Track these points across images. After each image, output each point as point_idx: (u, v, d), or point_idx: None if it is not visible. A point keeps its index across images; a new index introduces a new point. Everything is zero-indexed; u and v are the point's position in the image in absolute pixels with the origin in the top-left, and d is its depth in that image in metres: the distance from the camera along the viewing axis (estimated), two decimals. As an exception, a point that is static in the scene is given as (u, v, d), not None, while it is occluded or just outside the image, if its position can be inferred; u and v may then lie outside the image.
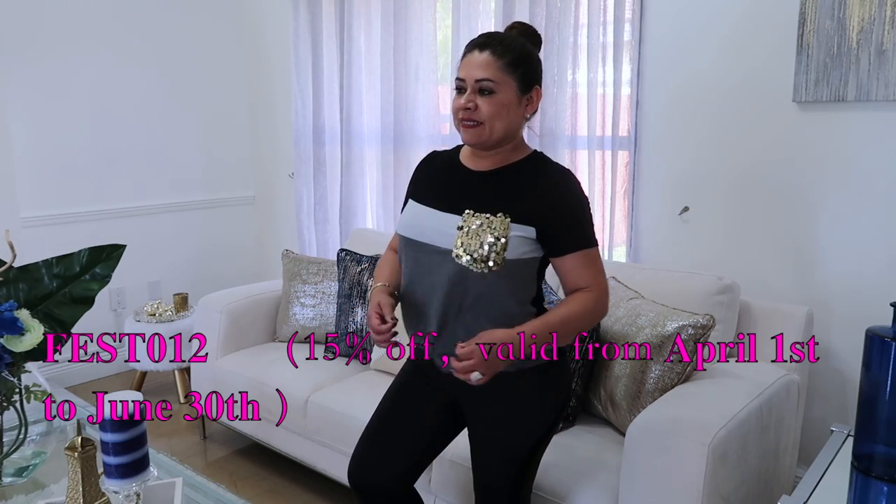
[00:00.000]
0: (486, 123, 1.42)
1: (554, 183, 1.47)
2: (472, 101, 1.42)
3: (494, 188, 1.48)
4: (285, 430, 2.51)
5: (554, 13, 2.67)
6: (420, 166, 1.66)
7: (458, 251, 1.40)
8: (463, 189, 1.51)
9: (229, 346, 2.79)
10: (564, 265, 1.47)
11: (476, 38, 1.47)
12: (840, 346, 2.28)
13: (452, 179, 1.54)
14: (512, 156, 1.51)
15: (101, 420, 1.38)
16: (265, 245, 4.21)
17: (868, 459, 1.42)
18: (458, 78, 1.45)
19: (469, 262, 1.39)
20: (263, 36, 4.00)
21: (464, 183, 1.52)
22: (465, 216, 1.43)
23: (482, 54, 1.42)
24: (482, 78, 1.41)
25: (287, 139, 3.94)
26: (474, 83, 1.42)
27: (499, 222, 1.40)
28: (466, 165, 1.54)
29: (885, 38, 2.05)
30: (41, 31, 3.27)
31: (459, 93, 1.46)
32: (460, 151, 1.60)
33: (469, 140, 1.47)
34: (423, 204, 1.55)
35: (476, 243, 1.39)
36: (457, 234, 1.41)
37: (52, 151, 3.37)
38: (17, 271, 1.76)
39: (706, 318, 1.87)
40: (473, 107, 1.42)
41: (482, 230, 1.40)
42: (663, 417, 1.73)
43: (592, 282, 1.47)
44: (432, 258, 1.47)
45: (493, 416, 1.56)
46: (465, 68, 1.44)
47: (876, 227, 2.17)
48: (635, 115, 2.60)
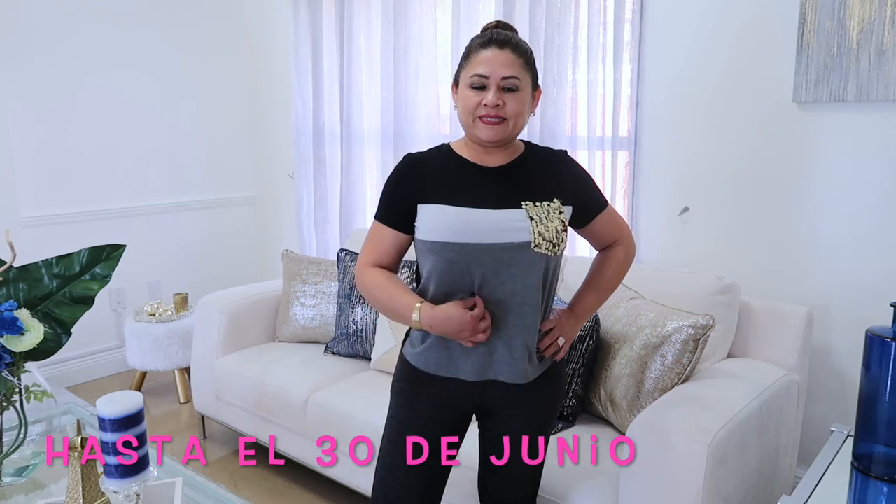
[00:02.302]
0: (510, 120, 1.44)
1: (563, 161, 1.56)
2: (500, 97, 1.42)
3: (527, 179, 1.50)
4: (285, 430, 2.51)
5: (554, 13, 2.67)
6: (409, 171, 1.51)
7: (539, 240, 1.43)
8: (499, 184, 1.48)
9: (229, 346, 2.79)
10: (596, 227, 1.61)
11: (490, 35, 1.44)
12: (840, 346, 2.28)
13: (475, 177, 1.49)
14: (516, 149, 1.54)
15: (101, 420, 1.38)
16: (265, 245, 4.21)
17: (868, 459, 1.42)
18: (480, 75, 1.42)
19: (547, 248, 1.44)
20: (263, 36, 4.00)
21: (491, 179, 1.49)
22: (527, 207, 1.45)
23: (503, 52, 1.42)
24: (509, 76, 1.42)
25: (287, 139, 3.94)
26: (500, 80, 1.42)
27: (555, 207, 1.47)
28: (477, 163, 1.50)
29: (885, 38, 2.05)
30: (41, 31, 3.27)
31: (479, 90, 1.43)
32: (451, 150, 1.53)
33: (492, 136, 1.44)
34: (463, 206, 1.45)
35: (549, 230, 1.45)
36: (530, 226, 1.44)
37: (52, 151, 3.37)
38: (17, 271, 1.76)
39: (706, 318, 1.87)
40: (502, 104, 1.42)
41: (548, 217, 1.46)
42: (663, 417, 1.73)
43: (623, 232, 1.65)
44: (504, 256, 1.43)
45: (525, 422, 1.58)
46: (486, 65, 1.41)
47: (876, 228, 2.17)
48: (635, 115, 2.60)
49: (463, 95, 1.45)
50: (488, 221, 1.43)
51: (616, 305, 2.13)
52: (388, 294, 1.48)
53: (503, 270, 1.44)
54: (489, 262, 1.43)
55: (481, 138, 1.45)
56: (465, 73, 1.45)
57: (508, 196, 1.46)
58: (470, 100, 1.43)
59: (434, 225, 1.45)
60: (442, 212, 1.45)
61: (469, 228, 1.42)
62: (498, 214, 1.44)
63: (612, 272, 1.65)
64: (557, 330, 1.55)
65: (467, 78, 1.44)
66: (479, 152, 1.50)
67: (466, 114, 1.45)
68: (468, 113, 1.44)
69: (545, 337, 1.53)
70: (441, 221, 1.44)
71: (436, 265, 1.45)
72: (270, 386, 2.53)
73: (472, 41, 1.47)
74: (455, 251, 1.43)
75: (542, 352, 1.54)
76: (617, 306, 2.12)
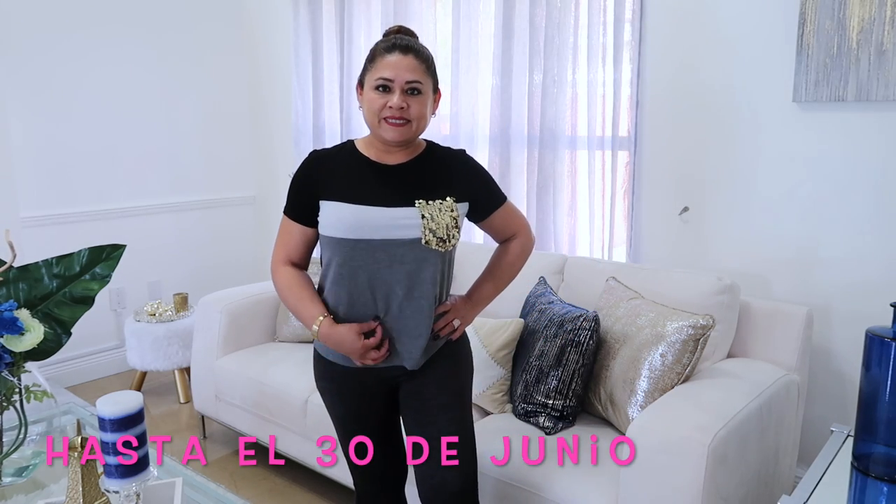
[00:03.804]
0: (413, 122, 1.52)
1: (462, 160, 1.66)
2: (404, 100, 1.49)
3: (422, 177, 1.59)
4: (285, 430, 2.51)
5: (554, 13, 2.67)
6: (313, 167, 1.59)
7: (428, 237, 1.53)
8: (395, 183, 1.57)
9: (229, 346, 2.79)
10: (494, 222, 1.71)
11: (394, 41, 1.52)
12: (840, 346, 2.28)
13: (375, 176, 1.57)
14: (417, 148, 1.63)
15: (101, 420, 1.38)
16: (265, 245, 4.21)
17: (868, 459, 1.42)
18: (385, 78, 1.49)
19: (437, 244, 1.54)
20: (263, 36, 4.00)
21: (390, 177, 1.57)
22: (420, 205, 1.54)
23: (407, 57, 1.50)
24: (413, 80, 1.50)
25: (287, 139, 3.94)
26: (404, 84, 1.50)
27: (448, 205, 1.57)
28: (377, 161, 1.58)
29: (885, 38, 2.05)
30: (41, 30, 3.27)
31: (384, 92, 1.50)
32: (354, 148, 1.61)
33: (396, 137, 1.52)
34: (359, 204, 1.53)
35: (440, 227, 1.54)
36: (421, 223, 1.53)
37: (52, 151, 3.37)
38: (17, 271, 1.76)
39: (706, 318, 1.87)
40: (406, 106, 1.49)
41: (440, 214, 1.55)
42: (663, 417, 1.73)
43: (521, 226, 1.75)
44: (396, 251, 1.53)
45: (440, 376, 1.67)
46: (391, 69, 1.49)
47: (876, 228, 2.17)
48: (635, 115, 2.60)
49: (368, 97, 1.52)
50: (382, 219, 1.52)
51: (616, 305, 2.13)
52: (296, 299, 1.60)
53: (382, 266, 1.53)
54: (383, 258, 1.52)
55: (386, 139, 1.54)
56: (371, 76, 1.52)
57: (403, 194, 1.55)
58: (375, 101, 1.51)
59: (332, 222, 1.54)
60: (339, 209, 1.54)
61: (364, 226, 1.52)
62: (391, 212, 1.52)
63: (508, 263, 1.75)
64: (453, 313, 1.66)
65: (373, 80, 1.51)
66: (381, 151, 1.59)
67: (372, 115, 1.52)
68: (373, 114, 1.52)
69: (440, 319, 1.63)
70: (338, 219, 1.53)
71: (333, 257, 1.56)
72: (270, 386, 2.53)
73: (376, 45, 1.55)
74: (350, 246, 1.53)
75: (438, 331, 1.63)
76: (617, 306, 2.12)
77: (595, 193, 2.71)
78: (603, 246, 2.73)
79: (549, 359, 2.06)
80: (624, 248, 2.72)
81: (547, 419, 2.04)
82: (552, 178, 2.80)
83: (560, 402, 2.04)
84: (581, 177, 2.78)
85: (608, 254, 2.73)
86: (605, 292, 2.24)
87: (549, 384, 2.05)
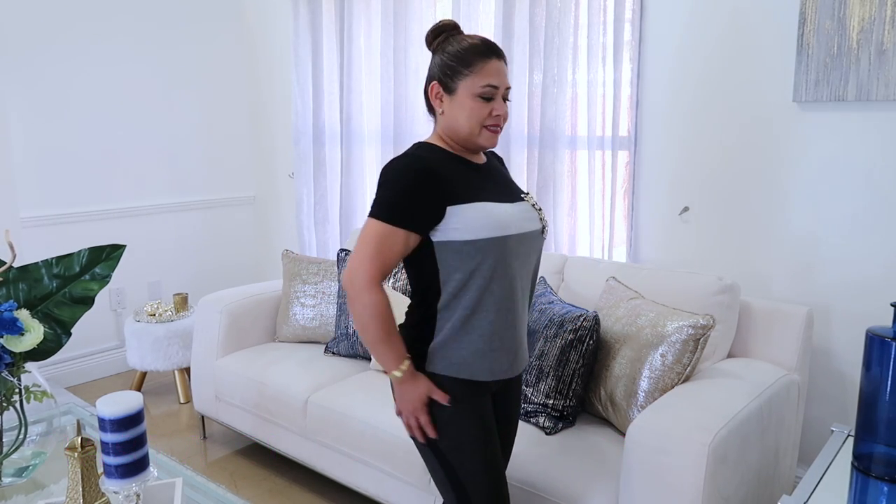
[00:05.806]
0: (502, 127, 1.52)
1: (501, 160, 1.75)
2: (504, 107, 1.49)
3: (504, 175, 1.64)
4: (285, 430, 2.51)
5: (554, 13, 2.67)
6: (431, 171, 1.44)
7: (546, 224, 1.59)
8: (499, 180, 1.59)
9: (229, 346, 2.79)
10: None
11: (490, 45, 1.47)
12: (840, 346, 2.28)
13: (481, 176, 1.54)
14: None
15: (101, 420, 1.38)
16: (265, 245, 4.21)
17: (868, 459, 1.42)
18: (493, 86, 1.44)
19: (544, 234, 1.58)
20: (263, 36, 4.00)
21: (490, 176, 1.57)
22: (527, 198, 1.58)
23: (501, 62, 1.48)
24: (509, 86, 1.50)
25: (287, 139, 3.94)
26: (504, 91, 1.49)
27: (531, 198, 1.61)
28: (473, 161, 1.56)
29: (885, 38, 2.05)
30: (41, 31, 3.27)
31: (488, 100, 1.45)
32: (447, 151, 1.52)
33: (494, 143, 1.52)
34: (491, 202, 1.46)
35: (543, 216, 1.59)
36: (538, 214, 1.57)
37: (52, 151, 3.37)
38: (17, 271, 1.76)
39: (706, 318, 1.87)
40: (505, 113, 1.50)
41: (537, 206, 1.59)
42: (663, 417, 1.73)
43: None
44: (532, 244, 1.54)
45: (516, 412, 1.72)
46: (496, 76, 1.45)
47: (876, 227, 2.17)
48: (635, 115, 2.60)
49: (469, 105, 1.45)
50: (515, 213, 1.49)
51: (616, 305, 2.13)
52: (387, 332, 1.43)
53: (533, 258, 1.54)
54: (523, 252, 1.50)
55: (484, 145, 1.51)
56: (471, 83, 1.44)
57: (512, 190, 1.58)
58: (479, 109, 1.45)
59: (480, 223, 1.41)
60: (484, 208, 1.43)
61: (510, 222, 1.46)
62: (518, 207, 1.53)
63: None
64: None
65: (476, 87, 1.44)
66: (467, 152, 1.55)
67: (473, 122, 1.46)
68: (476, 122, 1.46)
69: None
70: (484, 217, 1.42)
71: (482, 263, 1.42)
72: (270, 386, 2.53)
73: (465, 49, 1.45)
74: (501, 245, 1.43)
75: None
76: (617, 306, 2.12)
77: (595, 193, 2.71)
78: (603, 246, 2.73)
79: (549, 359, 2.07)
80: (624, 247, 2.72)
81: (547, 419, 2.04)
82: (552, 177, 2.80)
83: (560, 402, 2.04)
84: (581, 177, 2.79)
85: (608, 254, 2.73)
86: (606, 292, 2.24)
87: (549, 384, 2.05)
